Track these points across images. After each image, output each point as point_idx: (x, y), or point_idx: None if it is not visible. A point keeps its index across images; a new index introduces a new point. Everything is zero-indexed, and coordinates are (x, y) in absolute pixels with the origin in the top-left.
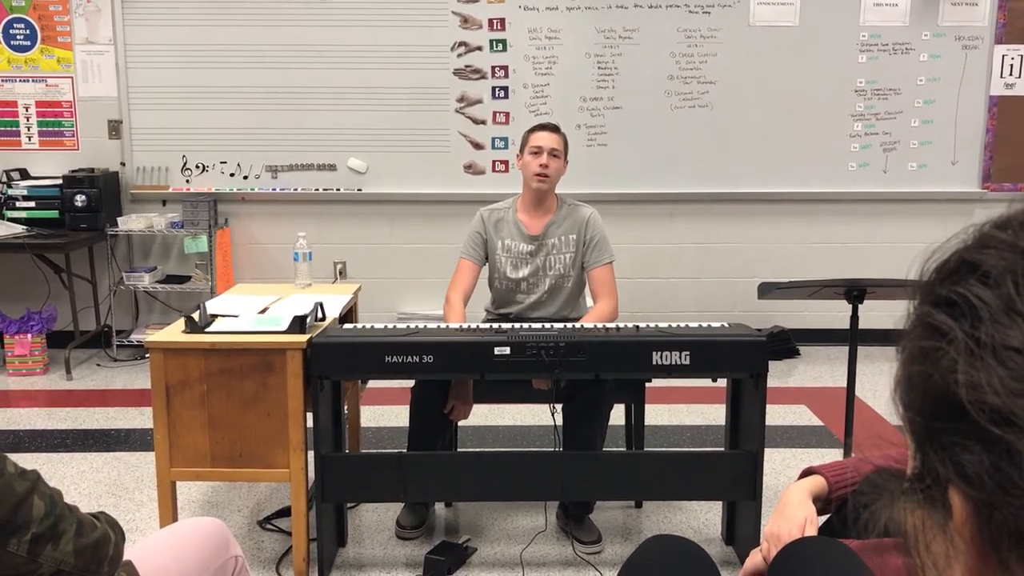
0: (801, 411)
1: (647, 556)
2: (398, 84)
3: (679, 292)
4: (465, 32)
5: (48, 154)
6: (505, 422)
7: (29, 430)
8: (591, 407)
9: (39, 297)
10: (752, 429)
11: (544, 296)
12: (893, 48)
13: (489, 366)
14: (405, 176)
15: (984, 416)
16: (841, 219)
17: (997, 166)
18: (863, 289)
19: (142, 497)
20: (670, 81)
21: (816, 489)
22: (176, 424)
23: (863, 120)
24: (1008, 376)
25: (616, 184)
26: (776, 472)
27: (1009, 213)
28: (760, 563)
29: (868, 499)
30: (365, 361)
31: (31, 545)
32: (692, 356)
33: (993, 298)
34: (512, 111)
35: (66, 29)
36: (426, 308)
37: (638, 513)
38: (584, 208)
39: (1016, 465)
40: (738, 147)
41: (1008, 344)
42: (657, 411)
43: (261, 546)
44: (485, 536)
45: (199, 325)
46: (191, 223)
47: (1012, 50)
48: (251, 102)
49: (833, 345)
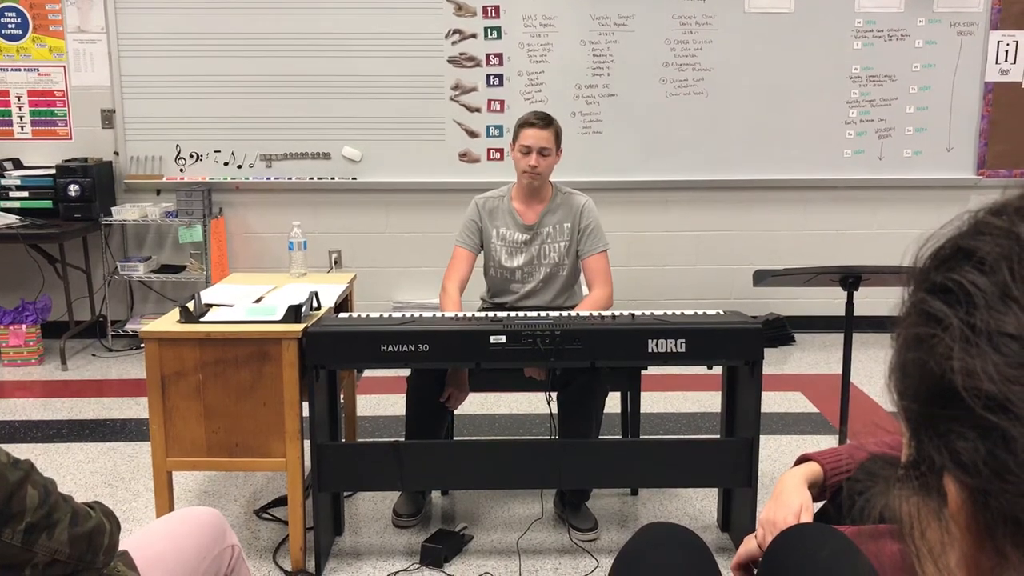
0: (796, 398)
1: (643, 543)
2: (393, 72)
3: (674, 280)
4: (459, 19)
5: (41, 144)
6: (501, 410)
7: (24, 420)
8: (587, 395)
9: (33, 287)
10: (748, 416)
11: (539, 285)
12: (888, 34)
13: (485, 355)
14: (400, 165)
15: (979, 403)
16: (836, 206)
17: (992, 153)
18: (858, 276)
19: (138, 487)
20: (665, 68)
21: (811, 476)
22: (172, 414)
23: (858, 107)
24: (1003, 363)
25: (611, 172)
26: (771, 459)
27: (1004, 199)
28: (755, 549)
29: (863, 486)
30: (361, 350)
31: (25, 535)
32: (688, 344)
33: (988, 285)
34: (507, 99)
35: (58, 18)
36: (422, 297)
37: (634, 500)
38: (579, 196)
39: (1011, 452)
40: (733, 134)
41: (1003, 330)
42: (653, 399)
43: (258, 535)
44: (481, 524)
45: (194, 315)
46: (185, 212)
47: (1007, 36)
48: (245, 90)
49: (828, 332)
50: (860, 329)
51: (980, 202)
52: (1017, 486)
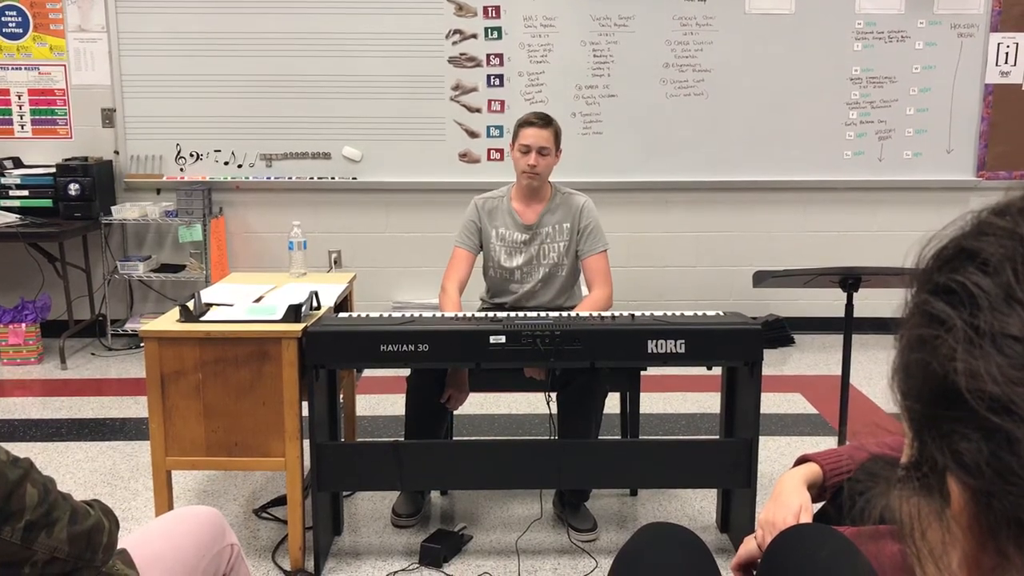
0: (796, 399)
1: (642, 544)
2: (393, 72)
3: (674, 280)
4: (460, 20)
5: (41, 142)
6: (501, 410)
7: (24, 419)
8: (586, 395)
9: (33, 286)
10: (747, 417)
11: (538, 285)
12: (888, 36)
13: (485, 355)
14: (400, 165)
15: (983, 404)
16: (836, 207)
17: (992, 154)
18: (858, 277)
19: (137, 486)
20: (665, 69)
21: (811, 476)
22: (171, 413)
23: (858, 108)
24: (1007, 364)
25: (611, 172)
26: (771, 460)
27: (1007, 200)
28: (754, 550)
29: (863, 487)
30: (360, 350)
31: (25, 533)
32: (687, 344)
33: (992, 286)
34: (507, 99)
35: (58, 16)
36: (421, 297)
37: (633, 501)
38: (578, 196)
39: (1015, 454)
40: (733, 135)
41: (1007, 332)
42: (652, 399)
43: (257, 535)
44: (481, 524)
45: (194, 314)
46: (185, 212)
47: (1007, 38)
48: (245, 90)
49: (828, 333)
50: (860, 330)
51: (981, 203)
52: (1020, 487)
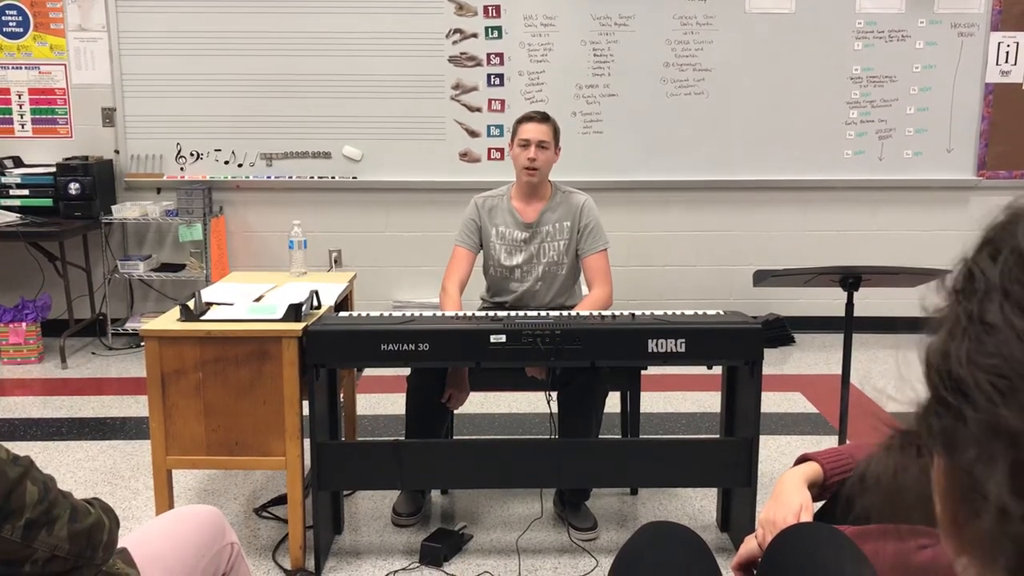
0: (796, 398)
1: (642, 543)
2: (393, 72)
3: (674, 280)
4: (460, 19)
5: (41, 142)
6: (501, 410)
7: (24, 418)
8: (587, 395)
9: (33, 285)
10: (747, 416)
11: (538, 283)
12: (889, 35)
13: (485, 354)
14: (400, 164)
15: (943, 384)
16: (836, 207)
17: (992, 154)
18: (858, 276)
19: (138, 485)
20: (666, 68)
21: (811, 475)
22: (172, 412)
23: (859, 108)
24: (974, 349)
25: (611, 171)
26: (771, 459)
27: None
28: (755, 549)
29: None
30: (361, 349)
31: (25, 530)
32: (687, 344)
33: (995, 274)
34: (508, 98)
35: (59, 16)
36: (422, 296)
37: (634, 500)
38: (578, 195)
39: (965, 433)
40: (734, 135)
41: (984, 319)
42: (652, 398)
43: (257, 534)
44: (481, 523)
45: (194, 313)
46: (186, 211)
47: (1008, 37)
48: (245, 89)
49: (828, 332)
50: (860, 329)
51: (981, 203)
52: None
